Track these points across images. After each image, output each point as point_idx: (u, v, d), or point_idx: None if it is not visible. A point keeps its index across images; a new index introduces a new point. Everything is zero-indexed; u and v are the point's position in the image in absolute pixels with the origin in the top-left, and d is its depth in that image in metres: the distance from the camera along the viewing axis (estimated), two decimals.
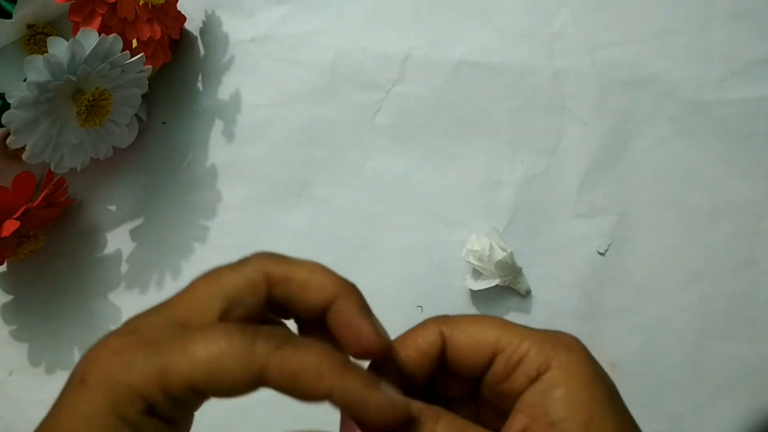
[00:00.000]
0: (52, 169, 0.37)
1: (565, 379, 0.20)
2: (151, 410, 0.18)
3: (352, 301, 0.20)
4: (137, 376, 0.18)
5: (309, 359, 0.18)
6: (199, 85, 0.44)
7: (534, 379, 0.21)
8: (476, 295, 0.40)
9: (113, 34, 0.34)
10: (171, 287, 0.41)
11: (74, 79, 0.34)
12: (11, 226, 0.35)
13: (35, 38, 0.36)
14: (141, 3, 0.37)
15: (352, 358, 0.20)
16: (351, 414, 0.18)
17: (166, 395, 0.18)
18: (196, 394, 0.18)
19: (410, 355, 0.22)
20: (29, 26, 0.36)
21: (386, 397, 0.19)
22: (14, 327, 0.42)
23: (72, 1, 0.34)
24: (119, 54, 0.35)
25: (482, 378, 0.22)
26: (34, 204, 0.37)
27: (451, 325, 0.22)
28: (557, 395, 0.20)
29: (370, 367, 0.22)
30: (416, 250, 0.41)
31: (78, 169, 0.38)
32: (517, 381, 0.21)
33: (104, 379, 0.18)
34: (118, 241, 0.43)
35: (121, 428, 0.18)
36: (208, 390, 0.18)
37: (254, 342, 0.18)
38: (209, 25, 0.45)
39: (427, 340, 0.22)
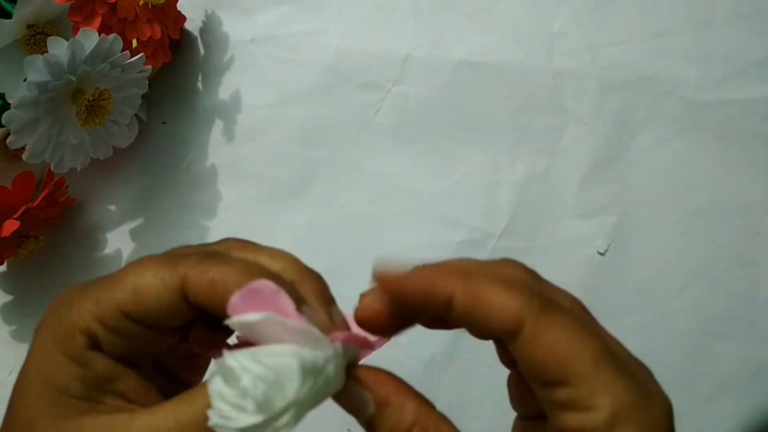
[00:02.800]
0: (52, 169, 0.37)
1: None
2: (95, 345, 0.19)
3: (310, 288, 0.20)
4: (75, 312, 0.19)
5: (227, 270, 0.19)
6: (199, 85, 0.44)
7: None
8: None
9: (113, 34, 0.34)
10: None
11: (74, 79, 0.34)
12: (11, 226, 0.35)
13: (35, 38, 0.36)
14: (141, 3, 0.37)
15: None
16: None
17: (103, 326, 0.19)
18: (130, 321, 0.19)
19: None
20: (29, 26, 0.36)
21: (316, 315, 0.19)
22: (14, 327, 0.42)
23: (72, 1, 0.34)
24: (119, 54, 0.35)
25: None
26: (34, 204, 0.37)
27: (542, 321, 0.18)
28: None
29: None
30: (416, 250, 0.41)
31: (78, 169, 0.38)
32: (567, 419, 0.18)
33: (51, 322, 0.20)
34: (118, 241, 0.43)
35: (68, 365, 0.19)
36: (137, 312, 0.19)
37: (176, 261, 0.19)
38: (209, 25, 0.45)
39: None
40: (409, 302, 0.19)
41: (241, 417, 0.17)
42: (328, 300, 0.20)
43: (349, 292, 0.21)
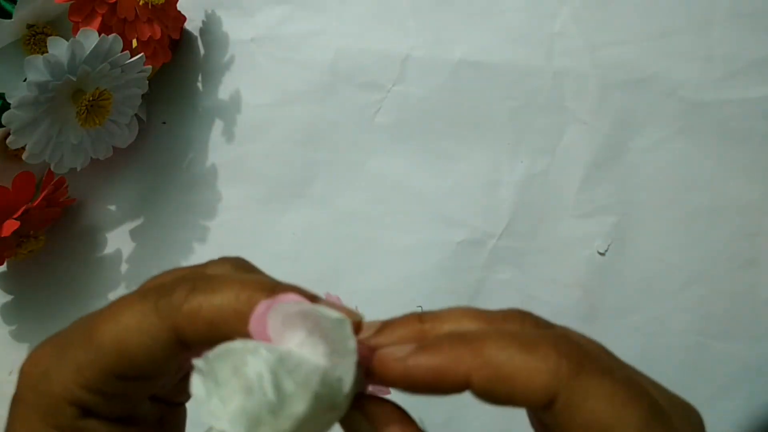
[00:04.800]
0: (52, 169, 0.37)
1: None
2: (86, 412, 0.17)
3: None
4: (55, 383, 0.17)
5: (223, 301, 0.16)
6: (199, 85, 0.44)
7: None
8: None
9: (113, 34, 0.34)
10: None
11: (74, 79, 0.34)
12: (11, 226, 0.35)
13: (35, 38, 0.36)
14: (141, 3, 0.37)
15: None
16: None
17: (92, 392, 0.17)
18: (122, 380, 0.17)
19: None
20: (29, 26, 0.36)
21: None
22: (14, 327, 0.42)
23: (72, 1, 0.34)
24: (119, 54, 0.35)
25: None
26: (34, 204, 0.37)
27: (577, 390, 0.16)
28: None
29: None
30: (416, 250, 0.41)
31: (78, 169, 0.38)
32: None
33: (29, 395, 0.18)
34: (118, 241, 0.43)
35: None
36: (127, 371, 0.17)
37: (157, 301, 0.17)
38: (209, 25, 0.45)
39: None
40: (419, 390, 0.17)
41: (228, 420, 0.15)
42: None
43: (349, 291, 0.21)
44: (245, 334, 0.16)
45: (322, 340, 0.16)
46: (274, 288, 0.17)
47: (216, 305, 0.16)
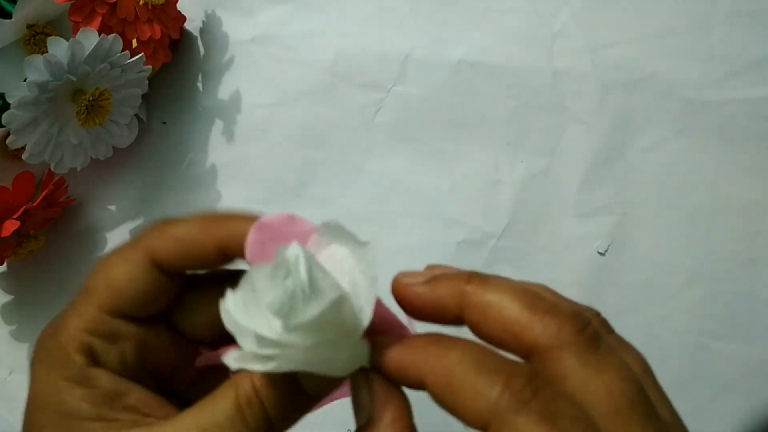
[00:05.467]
0: (52, 169, 0.37)
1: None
2: (93, 360, 0.19)
3: (235, 220, 0.19)
4: (63, 334, 0.19)
5: (189, 223, 0.19)
6: (199, 85, 0.44)
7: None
8: None
9: (113, 34, 0.34)
10: None
11: (74, 79, 0.34)
12: (11, 226, 0.35)
13: (35, 38, 0.36)
14: (141, 3, 0.37)
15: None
16: None
17: (94, 334, 0.19)
18: (118, 318, 0.19)
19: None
20: (29, 26, 0.36)
21: None
22: (14, 327, 0.42)
23: (72, 1, 0.34)
24: (119, 54, 0.35)
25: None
26: (34, 204, 0.37)
27: (503, 423, 0.15)
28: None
29: None
30: (416, 250, 0.41)
31: (78, 169, 0.38)
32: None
33: (42, 355, 0.19)
34: (118, 241, 0.43)
35: (72, 389, 0.18)
36: (119, 306, 0.19)
37: (135, 239, 0.20)
38: (209, 25, 0.45)
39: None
40: (391, 377, 0.18)
41: (256, 320, 0.16)
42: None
43: None
44: (213, 252, 0.19)
45: (346, 262, 0.18)
46: (229, 212, 0.19)
47: (183, 226, 0.19)
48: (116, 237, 0.43)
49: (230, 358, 0.16)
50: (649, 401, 0.16)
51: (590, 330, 0.16)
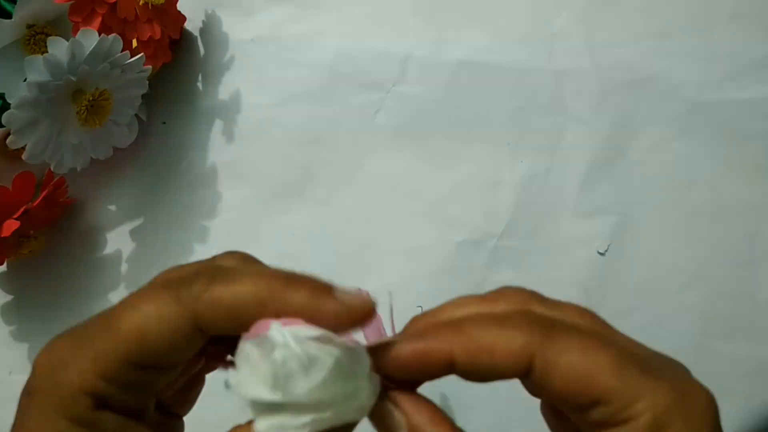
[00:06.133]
0: (52, 169, 0.37)
1: None
2: (102, 403, 0.17)
3: (295, 294, 0.17)
4: (72, 372, 0.17)
5: (242, 290, 0.17)
6: (199, 85, 0.44)
7: None
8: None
9: (113, 34, 0.34)
10: None
11: (74, 79, 0.34)
12: (11, 226, 0.35)
13: (35, 38, 0.36)
14: (141, 3, 0.37)
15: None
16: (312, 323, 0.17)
17: (109, 382, 0.17)
18: (139, 370, 0.17)
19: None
20: (29, 26, 0.36)
21: (340, 304, 0.17)
22: (14, 327, 0.42)
23: (72, 1, 0.34)
24: (119, 54, 0.35)
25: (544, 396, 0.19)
26: (34, 204, 0.37)
27: (550, 349, 0.17)
28: None
29: None
30: (416, 250, 0.41)
31: (78, 169, 0.38)
32: None
33: (45, 386, 0.18)
34: (118, 241, 0.43)
35: (74, 430, 0.17)
36: (146, 360, 0.17)
37: (178, 291, 0.17)
38: (209, 25, 0.45)
39: (510, 352, 0.17)
40: (409, 376, 0.18)
41: (258, 389, 0.16)
42: (324, 291, 0.18)
43: None
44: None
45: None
46: (289, 277, 0.18)
47: (236, 293, 0.17)
48: (116, 237, 0.43)
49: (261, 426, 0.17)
50: None
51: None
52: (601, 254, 0.40)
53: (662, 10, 0.42)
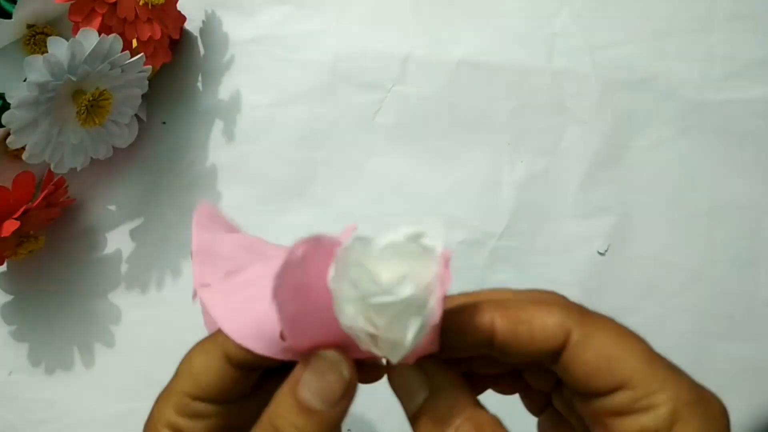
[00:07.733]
0: (52, 169, 0.37)
1: None
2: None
3: None
4: (156, 411, 0.21)
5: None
6: (199, 85, 0.44)
7: None
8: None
9: (113, 34, 0.34)
10: (171, 287, 0.41)
11: (74, 79, 0.34)
12: (11, 226, 0.35)
13: (35, 38, 0.36)
14: (141, 3, 0.37)
15: None
16: None
17: (180, 414, 0.20)
18: (201, 402, 0.20)
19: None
20: (29, 26, 0.36)
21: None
22: (14, 327, 0.42)
23: (72, 1, 0.34)
24: (119, 54, 0.35)
25: (561, 385, 0.20)
26: (34, 204, 0.37)
27: (586, 328, 0.18)
28: None
29: None
30: None
31: (78, 169, 0.38)
32: (626, 424, 0.17)
33: (147, 424, 0.21)
34: (118, 241, 0.43)
35: None
36: (201, 393, 0.20)
37: (217, 333, 0.20)
38: (209, 25, 0.45)
39: (548, 333, 0.18)
40: (449, 341, 0.19)
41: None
42: None
43: None
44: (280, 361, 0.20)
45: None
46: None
47: None
48: (116, 237, 0.43)
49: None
50: None
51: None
52: (601, 254, 0.40)
53: (662, 10, 0.42)
